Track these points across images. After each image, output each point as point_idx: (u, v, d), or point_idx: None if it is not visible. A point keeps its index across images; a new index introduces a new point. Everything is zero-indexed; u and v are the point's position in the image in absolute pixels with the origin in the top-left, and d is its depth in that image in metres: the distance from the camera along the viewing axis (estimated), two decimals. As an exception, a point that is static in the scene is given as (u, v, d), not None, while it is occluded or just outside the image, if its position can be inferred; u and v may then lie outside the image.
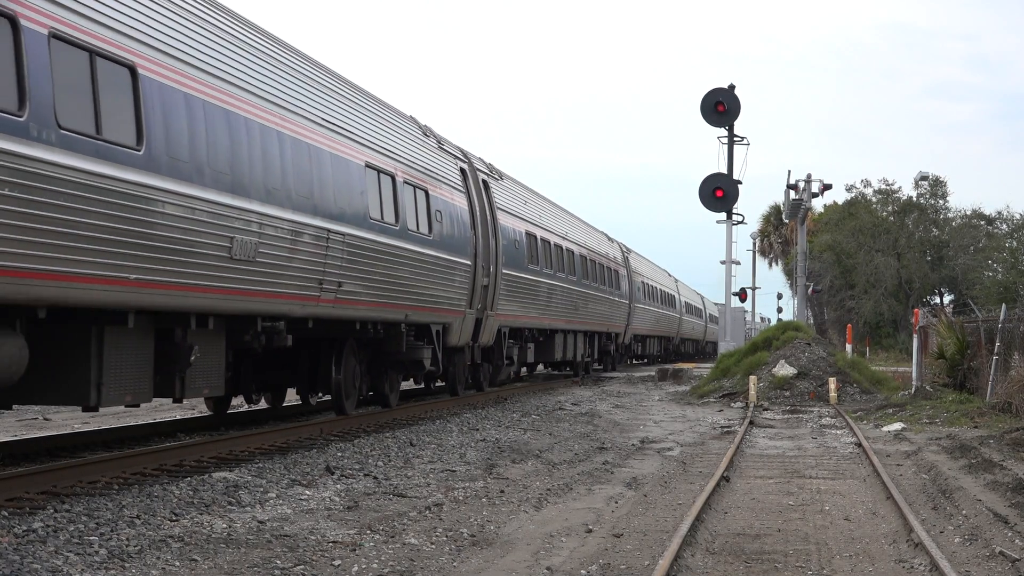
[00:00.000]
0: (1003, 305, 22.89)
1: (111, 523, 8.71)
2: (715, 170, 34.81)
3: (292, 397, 19.12)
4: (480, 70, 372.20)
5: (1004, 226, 53.29)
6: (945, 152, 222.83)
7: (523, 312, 25.02)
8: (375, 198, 16.26)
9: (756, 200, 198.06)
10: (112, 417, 18.17)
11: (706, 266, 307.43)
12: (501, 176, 25.00)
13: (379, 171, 16.56)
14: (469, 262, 20.64)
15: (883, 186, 58.82)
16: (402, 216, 17.25)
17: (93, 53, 10.08)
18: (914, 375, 25.39)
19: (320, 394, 18.10)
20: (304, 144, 14.10)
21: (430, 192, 18.77)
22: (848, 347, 34.85)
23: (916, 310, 28.81)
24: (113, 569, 7.35)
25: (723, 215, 34.91)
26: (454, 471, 12.39)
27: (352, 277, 15.33)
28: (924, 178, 54.50)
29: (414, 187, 18.04)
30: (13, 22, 9.14)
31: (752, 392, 24.42)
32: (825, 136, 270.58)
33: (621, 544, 8.64)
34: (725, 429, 18.52)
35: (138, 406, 13.36)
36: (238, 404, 18.20)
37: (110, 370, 10.94)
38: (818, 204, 52.70)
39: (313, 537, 8.53)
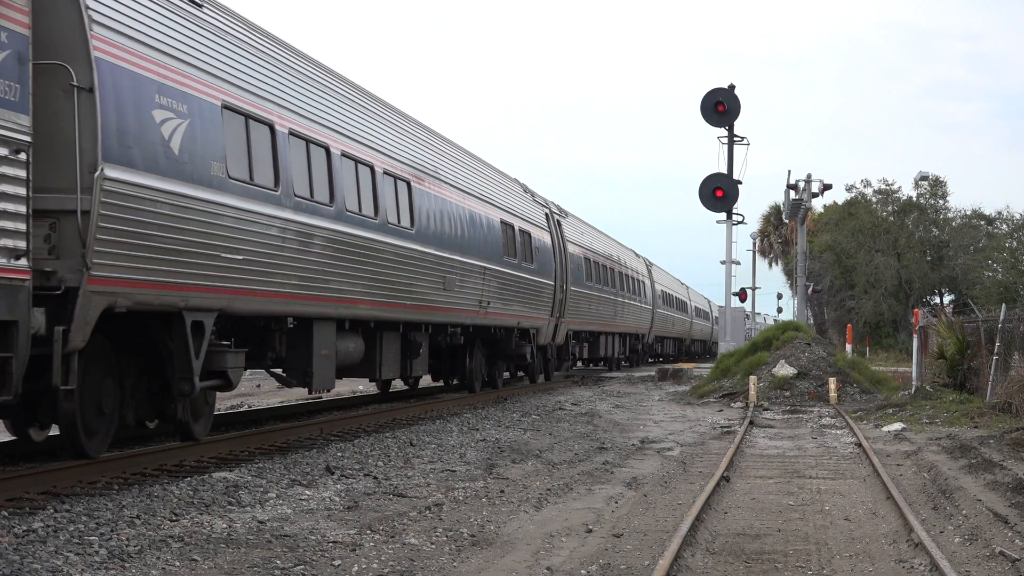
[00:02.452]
0: (1003, 305, 22.88)
1: (111, 523, 8.71)
2: (715, 170, 34.80)
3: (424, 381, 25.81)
4: (481, 70, 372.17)
5: (1004, 226, 53.26)
6: (945, 152, 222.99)
7: (582, 319, 32.28)
8: (505, 242, 23.80)
9: (756, 200, 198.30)
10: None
11: (706, 266, 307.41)
12: (566, 214, 32.61)
13: (505, 223, 24.14)
14: (552, 282, 27.91)
15: (883, 186, 58.79)
16: (519, 253, 25.00)
17: (396, 178, 17.68)
18: (914, 375, 25.38)
19: (454, 380, 24.74)
20: (473, 212, 21.71)
21: (531, 234, 26.45)
22: (848, 347, 34.81)
23: (916, 310, 28.80)
24: (113, 569, 7.35)
25: (723, 215, 34.88)
26: (454, 471, 12.39)
27: (495, 297, 22.72)
28: (924, 178, 54.40)
29: (523, 232, 25.72)
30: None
31: (752, 392, 24.40)
32: (825, 136, 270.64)
33: (621, 544, 8.64)
34: (725, 429, 18.51)
35: (392, 380, 22.13)
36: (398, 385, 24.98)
37: (385, 357, 17.90)
38: (818, 204, 52.69)
39: (313, 537, 8.52)
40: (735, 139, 34.56)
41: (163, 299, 11.24)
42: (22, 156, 9.18)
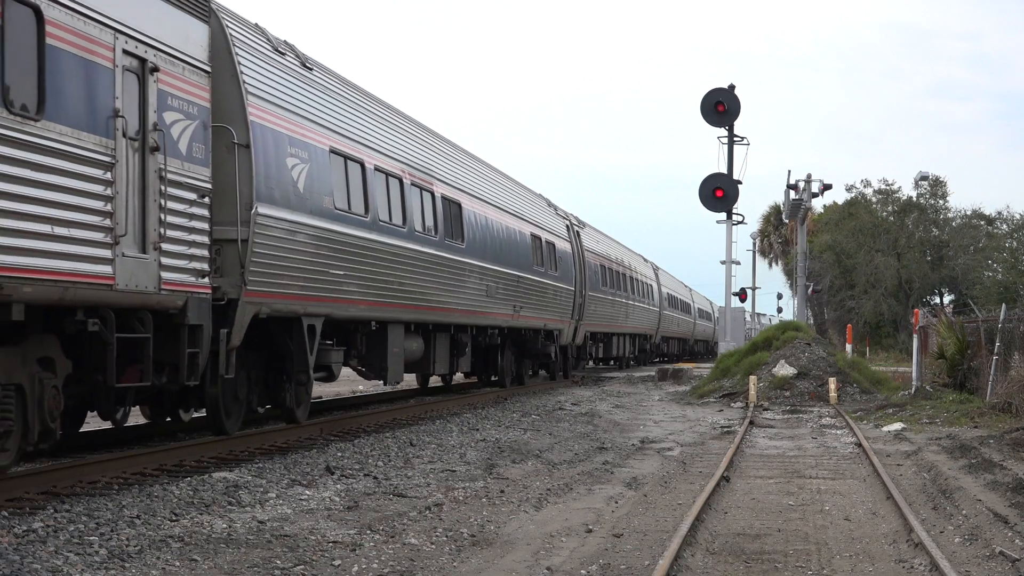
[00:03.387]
0: (1003, 305, 22.87)
1: (111, 523, 8.71)
2: (715, 170, 34.77)
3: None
4: (482, 70, 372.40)
5: (1004, 226, 53.21)
6: (945, 152, 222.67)
7: (598, 321, 35.12)
8: (533, 252, 26.81)
9: (756, 200, 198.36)
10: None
11: (706, 266, 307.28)
12: (584, 225, 35.52)
13: (534, 236, 27.19)
14: (572, 288, 30.86)
15: (883, 186, 58.77)
16: (545, 262, 27.98)
17: (451, 201, 20.61)
18: (914, 375, 25.37)
19: (487, 376, 27.20)
20: (507, 227, 24.80)
21: (555, 244, 29.44)
22: (848, 347, 34.81)
23: (916, 310, 28.81)
24: (113, 569, 7.35)
25: (723, 215, 34.86)
26: (454, 471, 12.39)
27: (525, 303, 25.70)
28: (924, 178, 54.39)
29: (549, 243, 28.66)
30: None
31: (752, 392, 24.40)
32: (825, 136, 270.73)
33: (621, 544, 8.64)
34: (725, 429, 18.51)
35: (442, 376, 25.07)
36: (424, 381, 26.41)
37: (438, 355, 20.75)
38: (818, 204, 52.64)
39: (313, 537, 8.52)
40: (735, 139, 34.53)
41: (290, 307, 13.98)
42: (206, 200, 11.97)
